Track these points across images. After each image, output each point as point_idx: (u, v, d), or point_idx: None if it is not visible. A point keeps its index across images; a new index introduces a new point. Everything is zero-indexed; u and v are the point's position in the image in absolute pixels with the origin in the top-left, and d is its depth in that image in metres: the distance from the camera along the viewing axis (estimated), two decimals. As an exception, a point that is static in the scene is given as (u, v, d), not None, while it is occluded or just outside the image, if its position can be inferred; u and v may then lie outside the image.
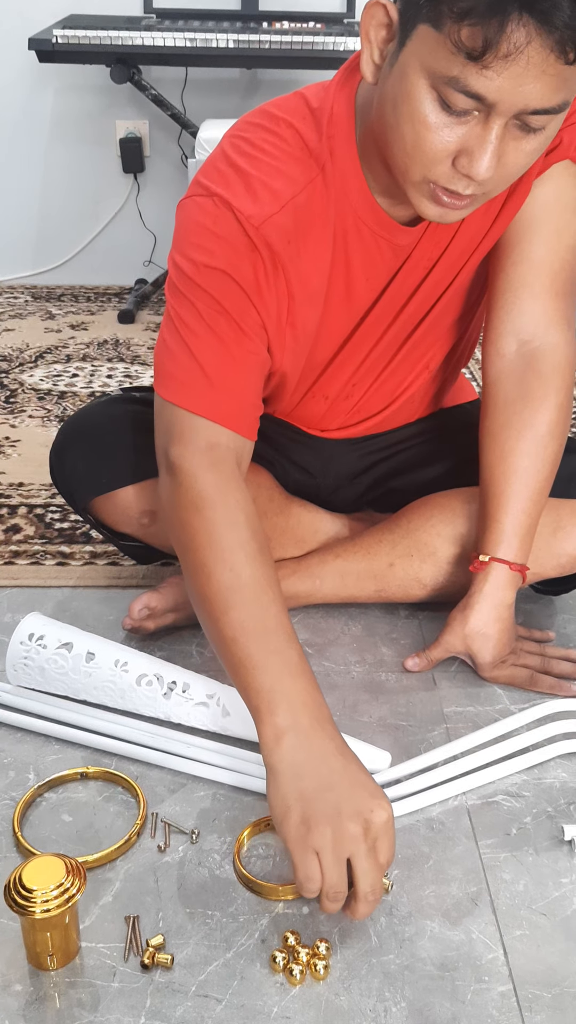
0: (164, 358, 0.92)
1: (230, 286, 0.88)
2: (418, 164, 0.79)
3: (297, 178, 0.88)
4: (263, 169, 0.88)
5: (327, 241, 0.92)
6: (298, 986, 0.73)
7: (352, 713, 1.02)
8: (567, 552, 1.09)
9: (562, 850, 0.86)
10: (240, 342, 0.90)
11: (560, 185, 0.96)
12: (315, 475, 1.21)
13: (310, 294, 0.94)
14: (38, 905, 0.70)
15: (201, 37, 2.09)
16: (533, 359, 1.01)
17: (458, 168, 0.78)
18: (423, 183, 0.81)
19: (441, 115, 0.75)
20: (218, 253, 0.88)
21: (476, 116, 0.75)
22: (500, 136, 0.75)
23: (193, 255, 0.89)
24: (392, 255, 0.95)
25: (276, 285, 0.90)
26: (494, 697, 1.05)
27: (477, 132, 0.75)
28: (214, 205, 0.88)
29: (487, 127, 0.75)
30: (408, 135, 0.78)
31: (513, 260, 0.99)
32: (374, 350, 1.05)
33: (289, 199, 0.88)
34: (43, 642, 1.00)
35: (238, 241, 0.87)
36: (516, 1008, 0.72)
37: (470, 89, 0.72)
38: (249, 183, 0.88)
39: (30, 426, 1.76)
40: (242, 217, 0.87)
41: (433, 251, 0.97)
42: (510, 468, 1.01)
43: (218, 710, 0.96)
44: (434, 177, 0.79)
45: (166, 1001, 0.72)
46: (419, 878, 0.83)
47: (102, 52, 2.13)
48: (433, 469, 1.20)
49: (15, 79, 2.43)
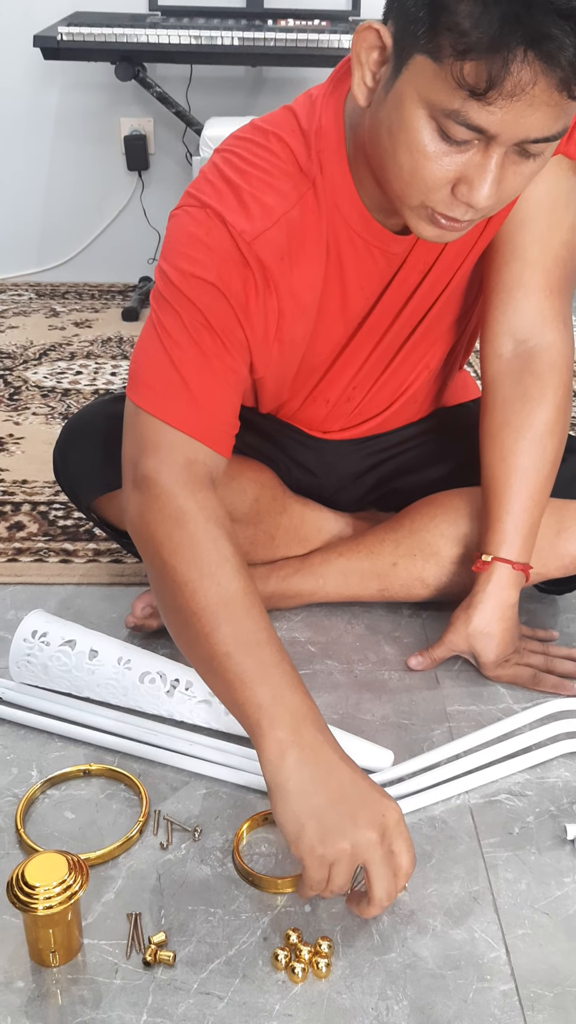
0: (142, 365, 0.90)
1: (218, 300, 0.87)
2: (416, 191, 0.78)
3: (289, 193, 0.87)
4: (255, 184, 0.87)
5: (320, 255, 0.91)
6: (300, 984, 0.73)
7: (355, 712, 1.02)
8: (570, 552, 1.09)
9: (564, 849, 0.86)
10: (222, 358, 0.89)
11: (551, 180, 0.95)
12: (318, 475, 1.21)
13: (302, 309, 0.93)
14: (40, 902, 0.70)
15: (206, 34, 2.09)
16: (530, 358, 1.01)
17: (457, 196, 0.77)
18: (421, 208, 0.80)
19: (440, 144, 0.74)
20: (209, 265, 0.86)
21: (476, 145, 0.74)
22: (500, 164, 0.74)
23: (182, 265, 0.87)
24: (386, 263, 0.95)
25: (266, 302, 0.89)
26: (497, 696, 1.05)
27: (477, 161, 0.74)
28: (207, 217, 0.87)
29: (487, 156, 0.74)
30: (406, 163, 0.77)
31: (506, 259, 0.99)
32: (373, 354, 1.05)
33: (282, 215, 0.87)
34: (46, 639, 1.00)
35: (229, 255, 0.86)
36: (518, 1007, 0.72)
37: (471, 123, 0.71)
38: (241, 197, 0.87)
39: (34, 423, 1.76)
40: (235, 232, 0.86)
41: (428, 256, 0.97)
42: (510, 468, 1.01)
43: (220, 708, 0.96)
44: (432, 204, 0.78)
45: (168, 998, 0.72)
46: (421, 877, 0.83)
47: (107, 49, 2.13)
48: (436, 469, 1.19)
49: (20, 76, 2.43)
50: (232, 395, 0.92)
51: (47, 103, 2.47)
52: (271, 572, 1.14)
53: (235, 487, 1.11)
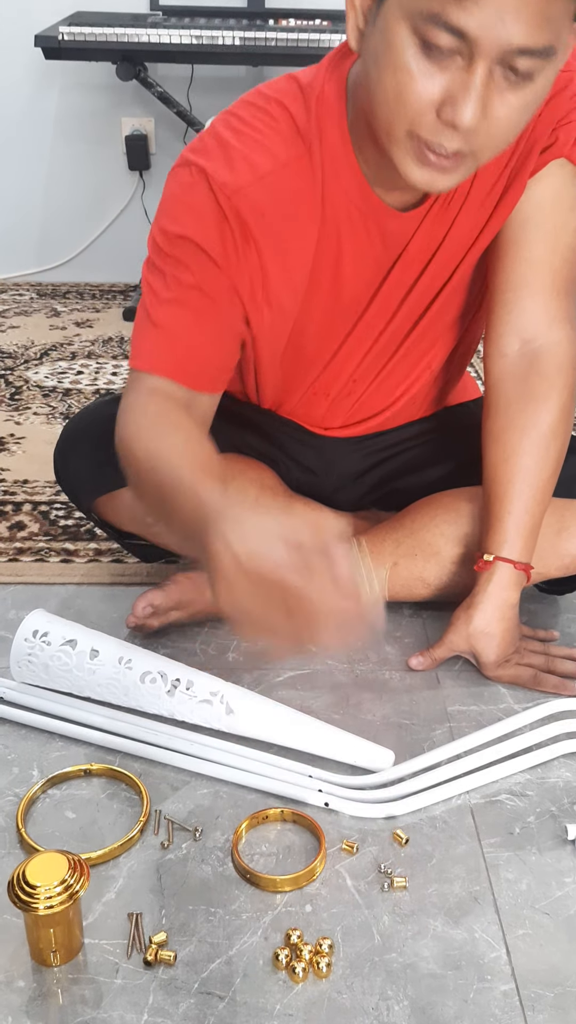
0: (133, 333, 0.94)
1: (198, 255, 0.89)
2: (401, 116, 0.77)
3: (279, 155, 0.88)
4: (247, 143, 0.88)
5: (313, 220, 0.91)
6: (300, 984, 0.73)
7: (356, 711, 1.02)
8: (571, 552, 1.09)
9: (565, 849, 0.86)
10: (205, 305, 0.90)
11: (557, 184, 0.95)
12: (318, 474, 1.21)
13: (289, 274, 0.93)
14: (41, 901, 0.71)
15: (207, 34, 2.09)
16: (535, 358, 1.01)
17: (442, 118, 0.75)
18: (408, 139, 0.78)
19: (423, 61, 0.73)
20: (188, 223, 0.88)
21: (459, 62, 0.73)
22: (484, 82, 0.73)
23: (164, 224, 0.90)
24: (382, 242, 0.94)
25: (247, 256, 0.90)
26: (498, 696, 1.05)
27: (461, 78, 0.73)
28: (190, 175, 0.88)
29: (471, 71, 0.73)
30: (391, 85, 0.76)
31: (512, 259, 0.98)
32: (374, 347, 1.05)
33: (267, 172, 0.88)
34: (47, 639, 1.00)
35: (208, 209, 0.88)
36: (519, 1007, 0.72)
37: (451, 23, 0.70)
38: (229, 154, 0.88)
39: (35, 423, 1.76)
40: (215, 185, 0.87)
41: (429, 244, 0.97)
42: (513, 468, 1.01)
43: (221, 708, 0.96)
44: (418, 130, 0.77)
45: (169, 998, 0.72)
46: (422, 877, 0.83)
47: (108, 49, 2.13)
48: (436, 469, 1.19)
49: (21, 76, 2.43)
50: (212, 336, 0.92)
51: (48, 103, 2.47)
52: (272, 572, 1.14)
53: (236, 487, 1.11)
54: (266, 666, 1.09)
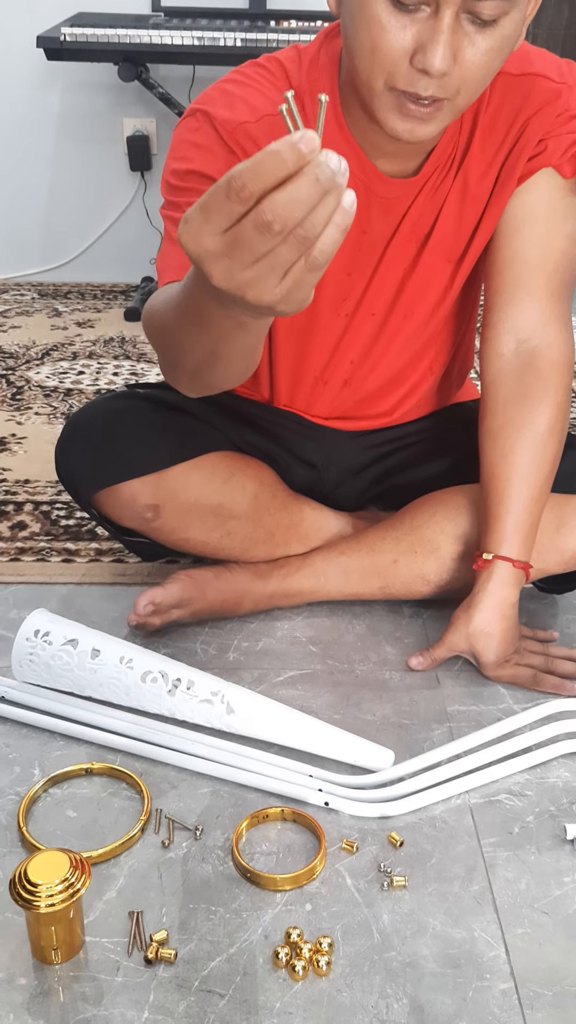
0: (158, 263, 0.95)
1: (206, 183, 0.91)
2: (378, 69, 0.82)
3: (276, 100, 0.92)
4: (246, 90, 0.94)
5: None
6: (300, 982, 0.74)
7: (356, 711, 1.02)
8: (570, 548, 1.09)
9: (564, 849, 0.86)
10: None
11: (548, 193, 0.98)
12: (318, 468, 1.21)
13: None
14: (43, 900, 0.71)
15: (209, 36, 2.09)
16: (531, 357, 1.02)
17: (415, 66, 0.80)
18: (386, 92, 0.83)
19: (394, 15, 0.78)
20: (195, 158, 0.92)
21: (426, 11, 0.78)
22: (452, 28, 0.78)
23: (173, 165, 0.94)
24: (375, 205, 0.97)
25: None
26: (497, 696, 1.05)
27: (429, 25, 0.78)
28: (195, 119, 0.93)
29: (438, 18, 0.77)
30: (365, 40, 0.81)
31: (507, 261, 1.00)
32: (379, 338, 1.07)
33: (264, 114, 0.92)
34: (48, 638, 1.00)
35: (214, 145, 0.92)
36: (517, 1006, 0.72)
37: None
38: (230, 99, 0.93)
39: (36, 423, 1.77)
40: (218, 122, 0.91)
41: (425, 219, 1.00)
42: (511, 466, 1.01)
43: (222, 707, 0.97)
44: (394, 81, 0.82)
45: (169, 996, 0.72)
46: (421, 876, 0.83)
47: (110, 50, 2.13)
48: (436, 466, 1.20)
49: (23, 77, 2.43)
50: None
51: (50, 103, 2.47)
52: (272, 571, 1.15)
53: (235, 484, 1.11)
54: (267, 666, 1.09)
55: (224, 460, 1.12)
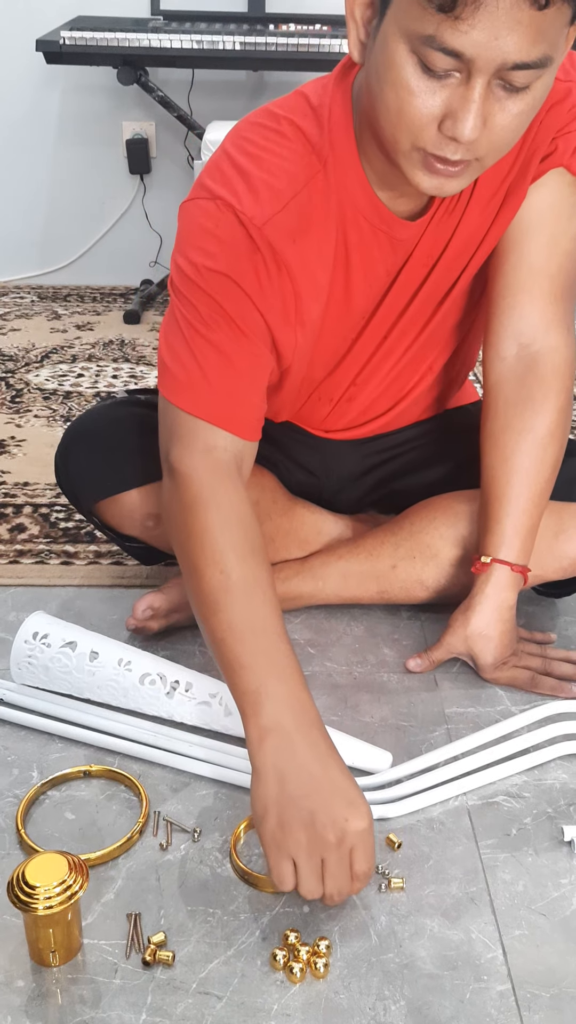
0: (167, 358, 0.93)
1: (231, 288, 0.88)
2: (404, 132, 0.79)
3: (299, 175, 0.89)
4: (266, 168, 0.88)
5: (330, 234, 0.92)
6: (298, 984, 0.74)
7: (354, 713, 1.02)
8: (569, 555, 1.09)
9: (562, 851, 0.86)
10: (240, 343, 0.90)
11: (555, 193, 0.96)
12: (318, 476, 1.22)
13: (317, 289, 0.94)
14: (41, 902, 0.71)
15: (208, 39, 2.09)
16: (533, 362, 1.02)
17: (444, 132, 0.77)
18: (413, 152, 0.80)
19: (423, 79, 0.75)
20: (219, 256, 0.88)
21: (457, 77, 0.74)
22: (483, 96, 0.74)
23: (195, 258, 0.89)
24: (391, 250, 0.95)
25: (280, 285, 0.91)
26: (495, 698, 1.05)
27: (460, 93, 0.75)
28: (216, 208, 0.88)
29: (469, 87, 0.74)
30: (392, 102, 0.78)
31: (511, 264, 0.99)
32: (378, 351, 1.06)
33: (291, 197, 0.88)
34: (47, 641, 1.00)
35: (239, 243, 0.88)
36: (515, 1007, 0.72)
37: (447, 45, 0.71)
38: (251, 183, 0.88)
39: (36, 426, 1.77)
40: (244, 219, 0.87)
41: (433, 249, 0.97)
42: (511, 470, 1.01)
43: (220, 709, 0.97)
44: (422, 144, 0.79)
45: (167, 998, 0.73)
46: (419, 878, 0.83)
47: (109, 54, 2.13)
48: (435, 471, 1.20)
49: (22, 80, 2.44)
50: (253, 379, 0.93)
51: (49, 107, 2.48)
52: (271, 574, 1.15)
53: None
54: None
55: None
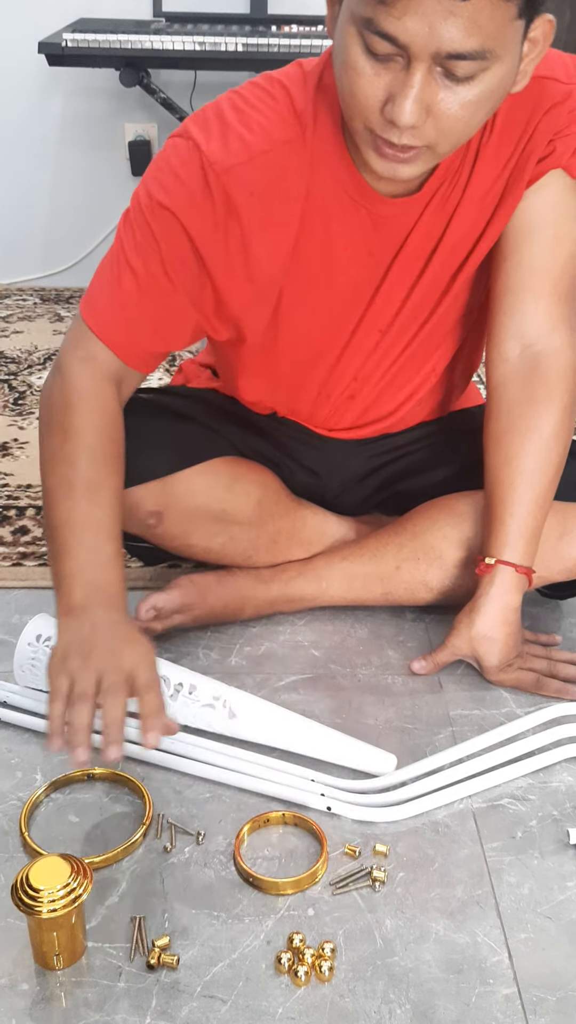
0: (95, 274, 0.98)
1: (174, 228, 0.92)
2: (356, 112, 0.81)
3: (274, 135, 0.91)
4: (245, 122, 0.91)
5: (297, 198, 0.94)
6: (303, 987, 0.74)
7: (358, 716, 1.02)
8: (573, 556, 1.09)
9: (567, 854, 0.86)
10: (159, 283, 0.94)
11: (556, 194, 0.97)
12: (321, 476, 1.21)
13: (272, 249, 0.95)
14: (45, 905, 0.71)
15: (210, 40, 2.09)
16: (537, 363, 1.01)
17: (385, 115, 0.79)
18: (365, 132, 0.83)
19: (369, 61, 0.77)
20: (174, 192, 0.91)
21: (400, 62, 0.76)
22: (423, 82, 0.76)
23: (152, 189, 0.92)
24: (372, 227, 0.96)
25: (227, 232, 0.93)
26: (500, 700, 1.05)
27: (401, 78, 0.77)
28: (186, 147, 0.91)
29: (409, 72, 0.76)
30: (345, 83, 0.80)
31: (513, 265, 0.99)
32: (379, 345, 1.06)
33: (260, 153, 0.90)
34: (50, 643, 1.00)
35: (196, 184, 0.90)
36: (521, 1011, 0.72)
37: (383, 30, 0.74)
38: (226, 132, 0.91)
39: (38, 428, 1.77)
40: (206, 162, 0.90)
41: (429, 238, 0.98)
42: (515, 471, 1.01)
43: (224, 712, 0.97)
44: (371, 126, 0.81)
45: (171, 1001, 0.72)
46: (424, 881, 0.83)
47: (111, 56, 2.13)
48: (439, 472, 1.20)
49: (25, 82, 2.44)
50: (160, 319, 0.97)
51: (52, 109, 2.48)
52: (274, 576, 1.15)
53: (238, 490, 1.11)
54: (269, 671, 1.09)
55: (227, 466, 1.12)
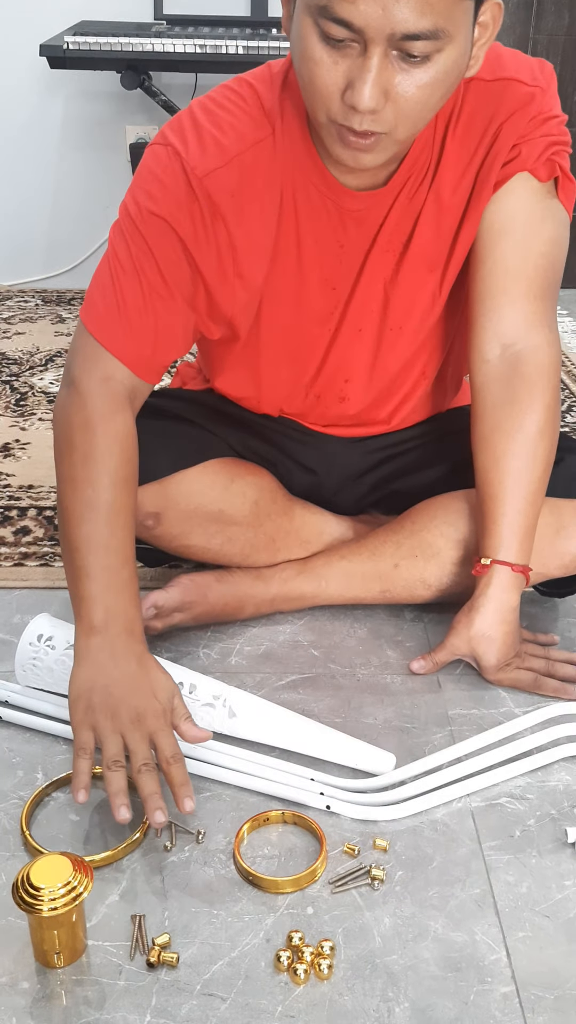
0: (93, 286, 0.99)
1: (166, 234, 0.94)
2: (316, 102, 0.82)
3: (247, 135, 0.93)
4: (218, 124, 0.94)
5: (274, 196, 0.96)
6: (302, 986, 0.74)
7: (357, 715, 1.03)
8: (570, 551, 1.09)
9: (565, 852, 0.86)
10: (159, 291, 0.96)
11: (524, 197, 0.98)
12: (318, 474, 1.22)
13: (257, 247, 0.98)
14: (45, 903, 0.71)
15: (211, 43, 2.10)
16: (517, 362, 1.02)
17: (345, 101, 0.80)
18: (328, 124, 0.84)
19: (325, 50, 0.79)
20: (161, 200, 0.93)
21: (356, 48, 0.78)
22: (380, 66, 0.77)
23: (139, 198, 0.95)
24: (339, 221, 0.98)
25: (216, 234, 0.95)
26: (498, 700, 1.05)
27: (358, 64, 0.78)
28: (166, 154, 0.94)
29: (366, 56, 0.77)
30: (304, 74, 0.82)
31: (488, 268, 1.01)
32: (364, 347, 1.07)
33: (235, 155, 0.93)
34: (51, 643, 1.01)
35: (180, 190, 0.93)
36: (519, 1009, 0.73)
37: (338, 15, 0.75)
38: (201, 136, 0.93)
39: (40, 429, 1.77)
40: (187, 167, 0.92)
41: (398, 233, 1.00)
42: (503, 471, 1.02)
43: (224, 711, 0.97)
44: (332, 115, 0.82)
45: (171, 999, 0.73)
46: (423, 879, 0.83)
47: (113, 58, 2.14)
48: (436, 470, 1.20)
49: (26, 85, 2.45)
50: (164, 327, 0.98)
51: (53, 111, 2.49)
52: (273, 575, 1.15)
53: (235, 490, 1.12)
54: (269, 670, 1.10)
55: (224, 466, 1.12)
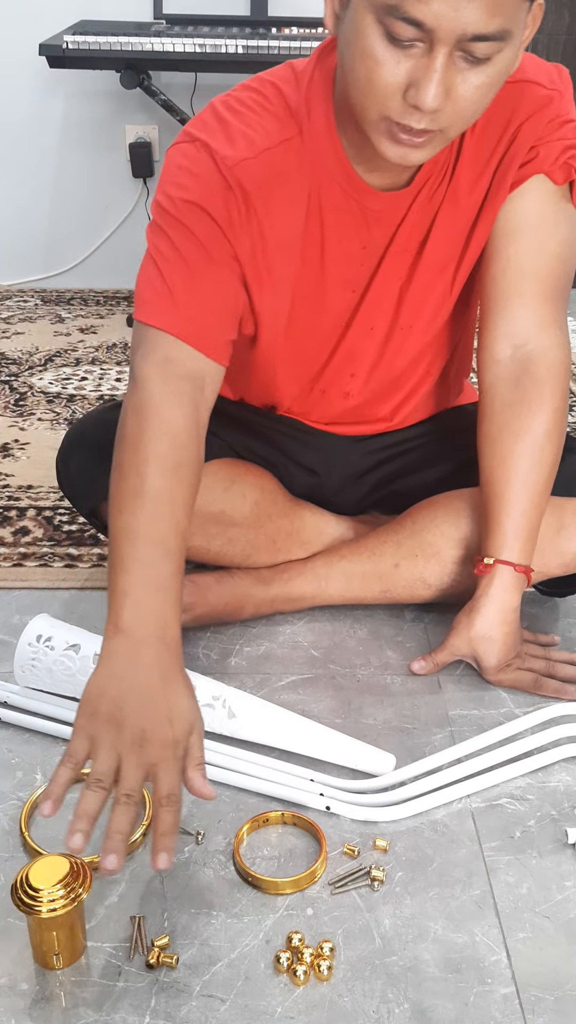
0: (140, 285, 0.97)
1: (203, 217, 0.93)
2: (372, 101, 0.82)
3: (274, 133, 0.94)
4: (244, 121, 0.94)
5: (301, 195, 0.96)
6: (302, 987, 0.74)
7: (357, 716, 1.02)
8: (571, 550, 1.09)
9: (565, 853, 0.86)
10: (208, 267, 0.94)
11: (539, 199, 0.99)
12: (320, 474, 1.22)
13: (285, 244, 0.97)
14: (44, 904, 0.71)
15: (210, 43, 2.10)
16: (527, 362, 1.02)
17: (408, 101, 0.80)
18: (380, 121, 0.84)
19: (388, 49, 0.78)
20: (194, 188, 0.93)
21: (420, 47, 0.77)
22: (445, 66, 0.77)
23: (171, 191, 0.94)
24: (363, 220, 0.98)
25: (248, 224, 0.95)
26: (499, 700, 1.05)
27: (423, 63, 0.78)
28: (195, 149, 0.94)
29: (432, 56, 0.77)
30: (361, 72, 0.81)
31: (501, 268, 1.01)
32: (372, 344, 1.07)
33: (263, 150, 0.93)
34: (51, 643, 1.00)
35: (213, 179, 0.92)
36: (519, 1010, 0.72)
37: (409, 15, 0.75)
38: (229, 131, 0.93)
39: (39, 429, 1.77)
40: (218, 157, 0.92)
41: (415, 235, 1.00)
42: (509, 471, 1.02)
43: (224, 712, 0.97)
44: (388, 113, 0.82)
45: (171, 1001, 0.73)
46: (423, 880, 0.83)
47: (112, 58, 2.14)
48: (437, 470, 1.20)
49: (26, 85, 2.45)
50: (220, 301, 0.96)
51: (53, 111, 2.49)
52: (273, 575, 1.15)
53: (235, 491, 1.12)
54: (268, 671, 1.09)
55: (225, 468, 1.12)
